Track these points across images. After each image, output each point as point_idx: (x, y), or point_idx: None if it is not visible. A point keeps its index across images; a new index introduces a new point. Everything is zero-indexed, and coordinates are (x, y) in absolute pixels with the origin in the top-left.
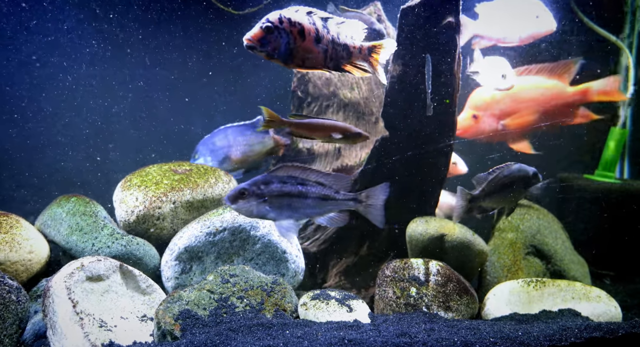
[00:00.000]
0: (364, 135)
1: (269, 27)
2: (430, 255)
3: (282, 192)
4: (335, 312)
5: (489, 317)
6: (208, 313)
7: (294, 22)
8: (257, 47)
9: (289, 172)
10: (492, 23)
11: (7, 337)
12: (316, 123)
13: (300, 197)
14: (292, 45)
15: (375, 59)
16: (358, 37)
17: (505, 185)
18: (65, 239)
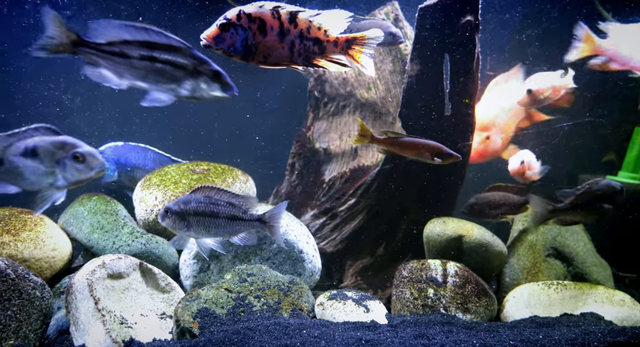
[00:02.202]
0: (455, 156)
1: (223, 24)
2: (447, 256)
3: (197, 211)
4: (352, 313)
5: (508, 319)
6: (226, 312)
7: (253, 18)
8: (212, 45)
9: (205, 192)
10: (629, 46)
11: (32, 332)
12: (408, 141)
13: (212, 216)
14: (251, 42)
15: (357, 51)
16: (338, 29)
17: (592, 200)
18: (87, 237)
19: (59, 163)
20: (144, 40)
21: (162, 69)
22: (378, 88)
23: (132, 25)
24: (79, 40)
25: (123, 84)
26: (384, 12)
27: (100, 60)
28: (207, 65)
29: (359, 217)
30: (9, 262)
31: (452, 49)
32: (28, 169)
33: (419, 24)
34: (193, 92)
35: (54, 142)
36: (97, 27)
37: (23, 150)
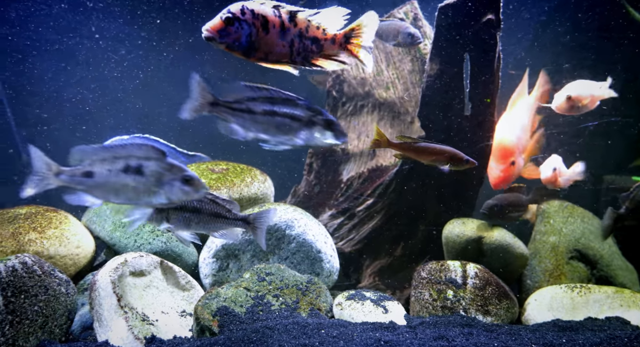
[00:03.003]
0: (471, 162)
1: (229, 18)
2: (467, 257)
3: (179, 205)
4: (371, 313)
5: (530, 322)
6: (245, 310)
7: (257, 14)
8: (216, 39)
9: None
10: None
11: (57, 327)
12: (424, 147)
13: (194, 212)
14: (254, 38)
15: (356, 45)
16: (336, 27)
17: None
18: (109, 235)
19: (166, 184)
20: (266, 97)
21: (281, 122)
22: (397, 88)
23: (255, 86)
24: (216, 100)
25: (249, 136)
26: (402, 12)
27: (231, 117)
28: (320, 115)
29: (377, 217)
30: (36, 258)
31: (472, 48)
32: (128, 186)
33: (439, 23)
34: (308, 141)
35: (162, 164)
36: (227, 88)
37: (124, 167)
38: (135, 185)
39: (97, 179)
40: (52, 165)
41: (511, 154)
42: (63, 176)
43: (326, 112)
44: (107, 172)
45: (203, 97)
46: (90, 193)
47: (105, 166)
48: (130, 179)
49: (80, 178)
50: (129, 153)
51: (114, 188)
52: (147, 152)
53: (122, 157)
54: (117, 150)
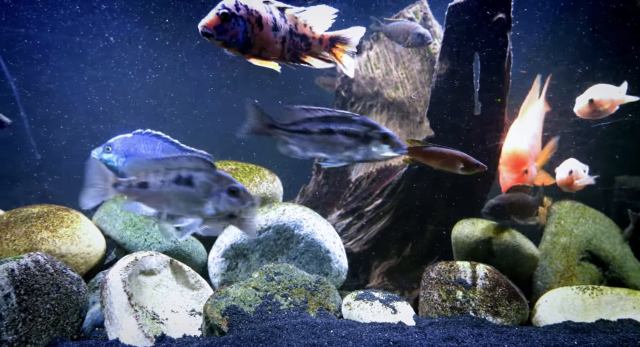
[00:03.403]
0: (481, 166)
1: (225, 13)
2: (477, 258)
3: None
4: (380, 313)
5: (541, 324)
6: (254, 310)
7: (251, 10)
8: (213, 35)
9: None
10: None
11: (69, 325)
12: (433, 151)
13: None
14: (250, 34)
15: (340, 50)
16: (323, 26)
17: None
18: (119, 234)
19: (214, 195)
20: (322, 116)
21: (337, 139)
22: (406, 88)
23: (311, 108)
24: (272, 124)
25: (307, 156)
26: (412, 11)
27: (288, 139)
28: (376, 130)
29: (385, 217)
30: (48, 257)
31: (482, 48)
32: (179, 197)
33: (449, 22)
34: (365, 156)
35: (210, 175)
36: (284, 112)
37: (176, 178)
38: (186, 195)
39: (151, 189)
40: (110, 176)
41: (524, 162)
42: (120, 187)
43: (381, 126)
44: (160, 183)
45: (260, 120)
46: (144, 203)
47: (158, 177)
48: (181, 190)
49: (135, 189)
50: (180, 164)
51: (166, 198)
52: (197, 163)
53: (174, 169)
54: (169, 162)
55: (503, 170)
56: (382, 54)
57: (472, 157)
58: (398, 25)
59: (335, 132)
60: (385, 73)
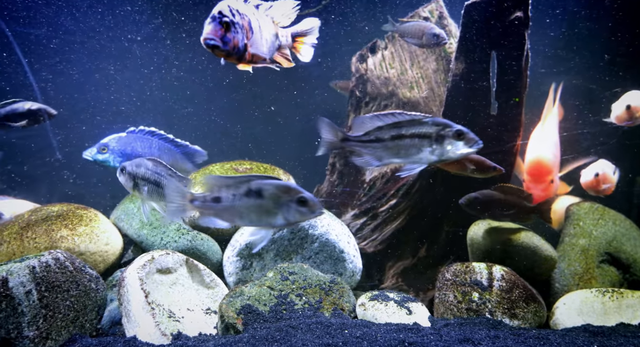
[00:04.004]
0: (498, 169)
1: (227, 22)
2: (493, 259)
3: (144, 177)
4: (394, 314)
5: (559, 327)
6: (268, 309)
7: (242, 15)
8: (220, 46)
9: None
10: None
11: (87, 322)
12: None
13: (155, 185)
14: (245, 41)
15: (300, 42)
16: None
17: None
18: (136, 233)
19: (283, 205)
20: (392, 122)
21: (410, 143)
22: (421, 87)
23: (381, 113)
24: (345, 137)
25: (382, 164)
26: (427, 10)
27: (362, 150)
28: (448, 128)
29: (400, 217)
30: (67, 255)
31: (499, 47)
32: (250, 209)
33: (465, 21)
34: (441, 156)
35: (279, 186)
36: (356, 123)
37: (247, 191)
38: (256, 207)
39: (224, 203)
40: (187, 193)
41: (550, 172)
42: (196, 202)
43: (454, 123)
44: (232, 197)
45: (334, 136)
46: (219, 217)
47: (230, 191)
48: (251, 202)
49: (210, 203)
50: (249, 178)
51: (238, 211)
52: (265, 177)
53: (245, 182)
54: (239, 177)
55: (528, 180)
56: (397, 54)
57: (488, 161)
58: (413, 26)
59: (406, 136)
60: (400, 73)
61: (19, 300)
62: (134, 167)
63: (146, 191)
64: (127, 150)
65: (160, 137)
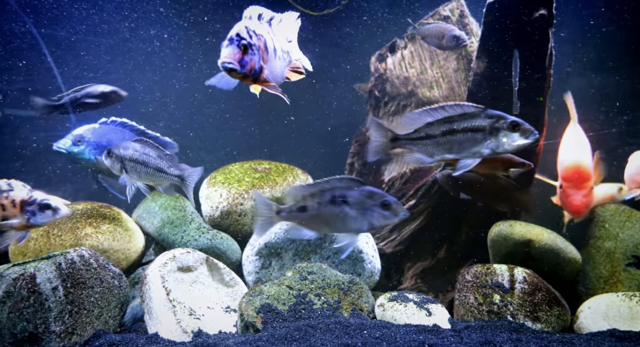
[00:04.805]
0: (527, 164)
1: (245, 45)
2: (514, 261)
3: (131, 158)
4: (414, 315)
5: (583, 331)
6: (287, 308)
7: (259, 36)
8: (237, 69)
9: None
10: None
11: (111, 318)
12: None
13: (143, 165)
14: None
15: None
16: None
17: None
18: (158, 231)
19: (368, 210)
20: (443, 118)
21: (463, 137)
22: (441, 87)
23: (430, 108)
24: (395, 136)
25: (434, 161)
26: (448, 9)
27: (413, 147)
28: (503, 120)
29: (419, 218)
30: (92, 252)
31: (522, 45)
32: (336, 216)
33: (487, 20)
34: (496, 149)
35: (362, 191)
36: (404, 121)
37: (331, 198)
38: (342, 214)
39: (310, 212)
40: (273, 205)
41: (590, 177)
42: (283, 213)
43: (507, 115)
44: (318, 205)
45: (384, 136)
46: (305, 226)
47: (315, 200)
48: (337, 209)
49: (296, 213)
50: (332, 185)
51: (324, 219)
52: (348, 183)
53: (328, 190)
54: (323, 185)
55: (567, 186)
56: (417, 53)
57: (515, 157)
58: (433, 28)
59: (458, 131)
60: (420, 72)
61: (46, 296)
62: (122, 149)
63: (135, 171)
64: (102, 142)
65: (132, 128)
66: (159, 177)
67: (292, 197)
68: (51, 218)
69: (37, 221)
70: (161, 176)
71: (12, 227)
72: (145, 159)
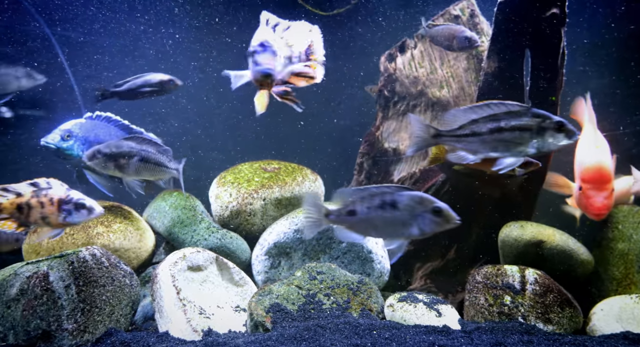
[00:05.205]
0: (535, 164)
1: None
2: (525, 262)
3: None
4: (424, 316)
5: (596, 333)
6: (297, 308)
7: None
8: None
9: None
10: None
11: (122, 317)
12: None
13: (142, 160)
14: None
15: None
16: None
17: None
18: (168, 231)
19: (418, 216)
20: (489, 115)
21: (510, 136)
22: (451, 87)
23: (475, 105)
24: (438, 132)
25: (477, 159)
26: (458, 8)
27: (457, 144)
28: (549, 119)
29: None
30: (103, 251)
31: (534, 45)
32: (385, 221)
33: (498, 19)
34: (540, 148)
35: (413, 197)
36: (447, 117)
37: (381, 203)
38: (391, 219)
39: (359, 216)
40: (322, 208)
41: (611, 179)
42: (332, 216)
43: (552, 114)
44: (367, 210)
45: (426, 132)
46: (353, 229)
47: (364, 204)
48: (386, 214)
49: (345, 217)
50: (382, 190)
51: (373, 223)
52: (398, 188)
53: (378, 195)
54: (372, 190)
55: (587, 188)
56: (427, 53)
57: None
58: (443, 29)
59: (506, 129)
60: (430, 72)
61: (58, 294)
62: (113, 148)
63: (134, 168)
64: (90, 137)
65: (116, 123)
66: (160, 172)
67: (341, 201)
68: (86, 217)
69: (72, 220)
70: (162, 170)
71: (49, 225)
72: (145, 155)
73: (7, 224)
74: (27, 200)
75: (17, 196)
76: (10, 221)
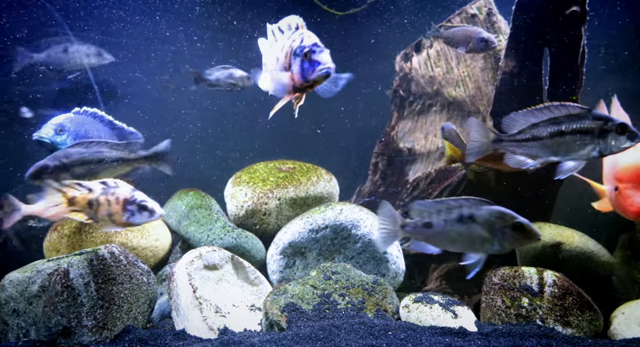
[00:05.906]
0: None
1: None
2: (543, 264)
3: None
4: (440, 317)
5: (617, 337)
6: (311, 308)
7: None
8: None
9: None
10: None
11: (140, 314)
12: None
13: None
14: None
15: None
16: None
17: None
18: (184, 230)
19: (498, 231)
20: (548, 119)
21: (571, 139)
22: (467, 86)
23: (534, 109)
24: (498, 137)
25: (537, 164)
26: (475, 7)
27: (517, 149)
28: (611, 122)
29: None
30: (121, 249)
31: (553, 43)
32: (463, 235)
33: (516, 17)
34: (603, 151)
35: (492, 212)
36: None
37: (458, 216)
38: (469, 233)
39: (435, 228)
40: (398, 219)
41: None
42: (407, 228)
43: (613, 117)
44: (444, 223)
45: (485, 137)
46: (429, 242)
47: (441, 217)
48: (464, 228)
49: (421, 229)
50: (460, 203)
51: (449, 237)
52: (476, 201)
53: (455, 208)
54: (449, 202)
55: (627, 187)
56: (443, 52)
57: None
58: (459, 31)
59: (567, 133)
60: (446, 71)
61: (78, 291)
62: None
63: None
64: (81, 131)
65: (102, 119)
66: (124, 165)
67: (418, 213)
68: (147, 219)
69: (134, 221)
70: (126, 164)
71: (114, 222)
72: (99, 156)
73: (79, 215)
74: (96, 197)
75: (89, 192)
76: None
